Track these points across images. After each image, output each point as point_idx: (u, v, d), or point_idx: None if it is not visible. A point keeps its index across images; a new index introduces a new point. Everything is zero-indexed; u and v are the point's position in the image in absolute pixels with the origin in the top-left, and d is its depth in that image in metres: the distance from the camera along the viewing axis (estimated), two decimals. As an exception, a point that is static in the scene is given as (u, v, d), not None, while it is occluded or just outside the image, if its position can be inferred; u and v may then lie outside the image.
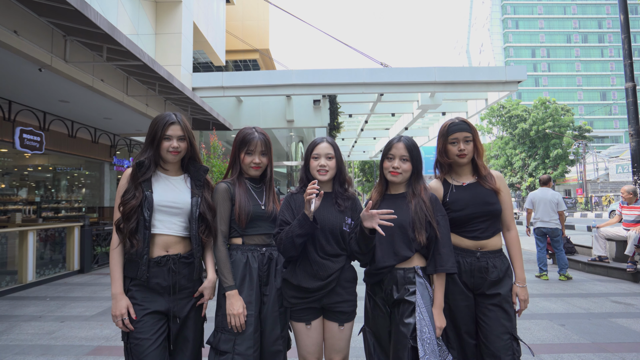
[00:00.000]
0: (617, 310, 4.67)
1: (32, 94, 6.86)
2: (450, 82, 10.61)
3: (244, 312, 1.89)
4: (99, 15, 4.67)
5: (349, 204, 2.05)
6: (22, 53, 4.92)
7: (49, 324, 4.38)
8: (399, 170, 1.96)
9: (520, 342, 1.96)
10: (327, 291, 1.96)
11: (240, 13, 18.07)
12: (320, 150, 2.01)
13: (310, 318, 1.99)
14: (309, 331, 1.99)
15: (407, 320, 1.81)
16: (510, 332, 1.91)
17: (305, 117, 12.48)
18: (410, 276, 1.88)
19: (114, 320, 1.79)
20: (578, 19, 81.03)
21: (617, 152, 48.85)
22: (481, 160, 2.10)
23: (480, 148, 2.09)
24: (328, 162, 2.00)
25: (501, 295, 1.95)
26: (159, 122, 1.92)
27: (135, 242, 1.80)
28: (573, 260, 7.39)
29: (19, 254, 6.31)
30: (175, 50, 10.14)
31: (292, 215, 1.99)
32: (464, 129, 2.05)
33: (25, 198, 10.49)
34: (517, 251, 2.09)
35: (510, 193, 2.21)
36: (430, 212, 1.89)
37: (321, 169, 2.00)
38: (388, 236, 1.92)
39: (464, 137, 2.05)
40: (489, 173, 2.10)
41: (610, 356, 3.30)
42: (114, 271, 1.83)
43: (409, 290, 1.86)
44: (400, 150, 1.97)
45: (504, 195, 2.07)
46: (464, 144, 2.05)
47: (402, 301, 1.86)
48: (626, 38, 7.28)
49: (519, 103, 42.67)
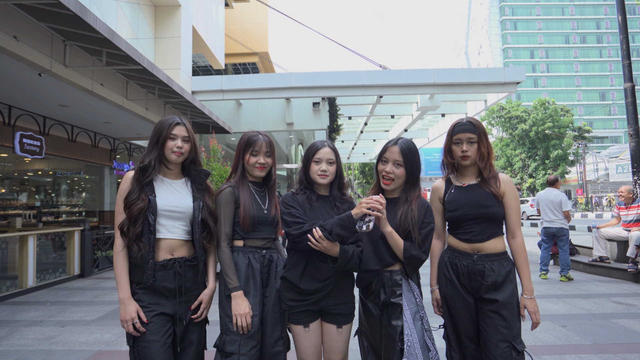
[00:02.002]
0: (619, 311, 4.65)
1: (32, 99, 6.87)
2: (450, 84, 10.62)
3: (250, 313, 1.90)
4: (98, 20, 4.68)
5: (347, 206, 2.06)
6: (22, 58, 4.93)
7: (49, 329, 4.37)
8: (392, 176, 1.94)
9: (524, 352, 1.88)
10: (325, 293, 1.97)
11: (239, 16, 18.12)
12: (322, 155, 2.02)
13: (308, 321, 2.00)
14: (307, 334, 1.99)
15: (394, 322, 1.82)
16: (508, 340, 1.84)
17: (305, 120, 12.49)
18: (397, 278, 1.90)
19: (123, 325, 1.77)
20: (576, 20, 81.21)
21: (616, 153, 48.87)
22: (487, 162, 2.02)
23: (486, 151, 2.01)
24: (329, 167, 2.02)
25: (499, 301, 1.88)
26: (165, 123, 1.94)
27: (141, 245, 1.80)
28: (574, 261, 7.38)
29: (19, 258, 6.30)
30: (175, 54, 10.16)
31: (303, 212, 1.97)
32: (468, 130, 2.00)
33: (25, 203, 10.50)
34: (523, 261, 1.98)
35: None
36: (415, 222, 1.87)
37: (322, 174, 2.00)
38: (373, 242, 1.93)
39: (468, 139, 2.00)
40: (494, 176, 2.02)
41: (612, 357, 3.29)
42: (120, 275, 1.81)
43: (395, 292, 1.87)
44: (395, 154, 1.94)
45: (509, 200, 1.99)
46: (467, 145, 2.00)
47: (389, 303, 1.87)
48: (624, 38, 7.30)
49: (519, 104, 42.73)
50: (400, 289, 1.86)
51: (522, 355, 1.86)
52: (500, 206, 1.98)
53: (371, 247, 1.95)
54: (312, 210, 2.01)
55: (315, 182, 2.03)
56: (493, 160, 2.06)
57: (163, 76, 6.59)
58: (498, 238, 2.00)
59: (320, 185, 2.05)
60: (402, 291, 1.85)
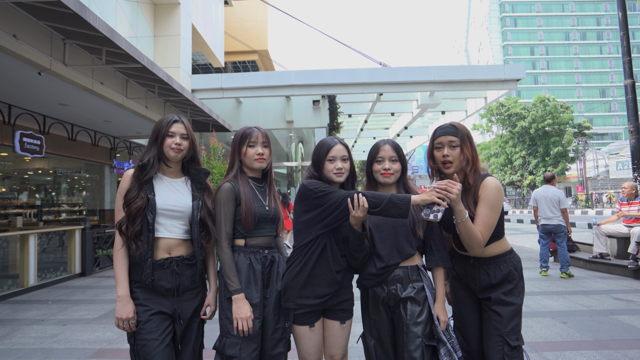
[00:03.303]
0: (619, 307, 4.66)
1: (31, 98, 6.86)
2: (450, 81, 10.62)
3: (252, 316, 1.87)
4: (97, 18, 4.68)
5: None
6: (22, 57, 4.93)
7: (51, 328, 4.38)
8: (391, 171, 1.99)
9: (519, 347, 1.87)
10: (333, 293, 1.97)
11: (238, 14, 18.08)
12: (336, 153, 1.97)
13: (314, 320, 1.98)
14: (312, 333, 1.97)
15: (419, 319, 1.83)
16: (501, 335, 1.84)
17: (305, 118, 12.49)
18: (415, 274, 1.90)
19: (117, 323, 1.78)
20: (576, 17, 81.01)
21: (616, 149, 48.84)
22: (471, 167, 1.90)
23: (470, 154, 1.90)
24: (344, 164, 1.98)
25: (492, 299, 1.90)
26: (163, 121, 1.94)
27: (140, 244, 1.80)
28: (574, 258, 7.38)
29: (20, 257, 6.31)
30: (174, 53, 10.15)
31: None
32: (449, 132, 1.91)
33: (25, 202, 10.48)
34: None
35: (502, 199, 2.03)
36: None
37: (338, 172, 1.96)
38: (391, 234, 1.93)
39: (449, 142, 1.91)
40: (477, 184, 1.89)
41: (613, 353, 3.30)
42: (119, 273, 1.81)
43: (415, 287, 1.88)
44: (389, 152, 2.01)
45: (479, 205, 1.87)
46: (449, 149, 1.91)
47: (409, 299, 1.86)
48: (625, 35, 7.28)
49: (518, 101, 42.66)
50: (420, 283, 1.90)
51: (517, 350, 1.85)
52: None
53: (389, 240, 1.94)
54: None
55: (332, 181, 1.98)
56: (479, 165, 1.94)
57: (163, 74, 6.59)
58: (496, 242, 1.94)
59: (334, 184, 2.01)
60: (422, 284, 1.90)
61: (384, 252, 1.93)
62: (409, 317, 1.84)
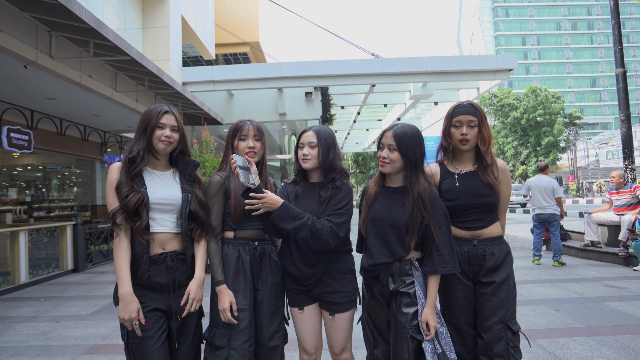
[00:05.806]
0: (610, 294, 4.73)
1: (18, 92, 6.72)
2: (442, 72, 10.60)
3: (234, 307, 1.88)
4: (83, 9, 4.56)
5: (330, 194, 1.97)
6: (6, 50, 4.80)
7: (44, 324, 4.33)
8: (387, 160, 1.89)
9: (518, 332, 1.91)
10: (314, 281, 1.99)
11: (229, 6, 17.81)
12: (304, 139, 2.03)
13: (303, 304, 2.03)
14: (302, 316, 2.03)
15: (405, 309, 1.80)
16: (504, 321, 1.86)
17: (297, 110, 12.41)
18: (407, 268, 1.86)
19: (122, 322, 1.71)
20: (567, 6, 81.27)
21: (607, 139, 49.44)
22: (487, 148, 1.99)
23: (487, 135, 1.98)
24: (310, 150, 2.00)
25: (496, 282, 1.91)
26: (153, 111, 1.87)
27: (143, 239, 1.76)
28: (566, 246, 7.47)
29: (11, 254, 6.23)
30: (164, 45, 9.97)
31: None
32: (469, 112, 1.96)
33: (15, 198, 10.34)
34: None
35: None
36: (429, 212, 1.82)
37: (304, 158, 2.02)
38: (382, 235, 1.89)
39: (469, 121, 1.95)
40: (493, 163, 2.01)
41: (605, 339, 3.34)
42: (121, 269, 1.73)
43: (405, 282, 1.84)
44: (388, 139, 1.89)
45: (503, 188, 2.01)
46: (468, 128, 1.96)
47: (398, 293, 1.84)
48: (616, 24, 7.29)
49: (510, 91, 42.86)
50: (411, 278, 1.84)
51: (517, 335, 1.89)
52: (496, 195, 1.99)
53: (381, 240, 1.89)
54: (296, 200, 2.03)
55: (302, 167, 2.05)
56: (493, 146, 2.03)
57: (153, 67, 6.47)
58: (495, 223, 2.02)
59: (310, 172, 2.06)
60: (413, 279, 1.84)
61: (375, 249, 1.90)
62: (396, 308, 1.83)
